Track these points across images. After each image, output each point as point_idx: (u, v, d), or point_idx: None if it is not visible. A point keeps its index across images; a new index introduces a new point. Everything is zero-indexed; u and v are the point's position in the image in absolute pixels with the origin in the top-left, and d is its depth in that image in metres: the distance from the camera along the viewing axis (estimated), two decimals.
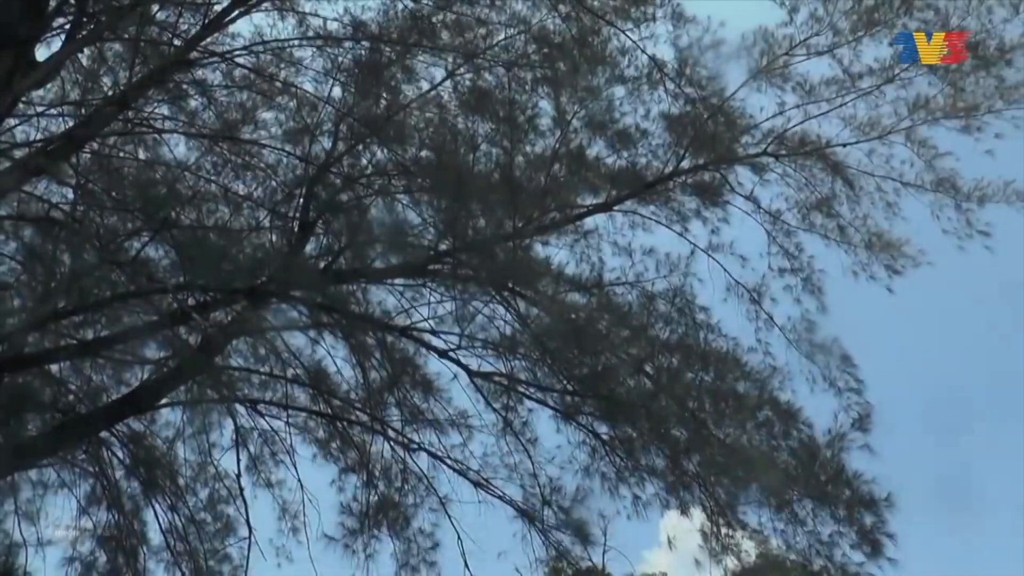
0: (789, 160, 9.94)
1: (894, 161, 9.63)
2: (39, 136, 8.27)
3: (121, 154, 8.88)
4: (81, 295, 7.96)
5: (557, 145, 9.44)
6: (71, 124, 8.31)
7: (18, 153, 7.48)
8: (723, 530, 8.25)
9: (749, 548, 8.38)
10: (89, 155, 8.52)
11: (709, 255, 9.54)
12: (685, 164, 9.77)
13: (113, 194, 8.59)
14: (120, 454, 9.11)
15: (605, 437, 8.37)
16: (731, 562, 8.26)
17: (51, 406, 8.70)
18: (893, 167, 9.61)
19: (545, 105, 9.47)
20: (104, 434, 8.75)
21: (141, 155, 9.06)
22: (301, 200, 8.99)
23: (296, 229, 8.86)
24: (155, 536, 9.38)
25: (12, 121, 7.81)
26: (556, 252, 9.52)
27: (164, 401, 8.78)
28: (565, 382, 8.44)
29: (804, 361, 9.02)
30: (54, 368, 8.82)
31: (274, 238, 9.03)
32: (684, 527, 8.83)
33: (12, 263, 8.70)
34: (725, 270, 9.54)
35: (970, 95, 9.25)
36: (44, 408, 8.63)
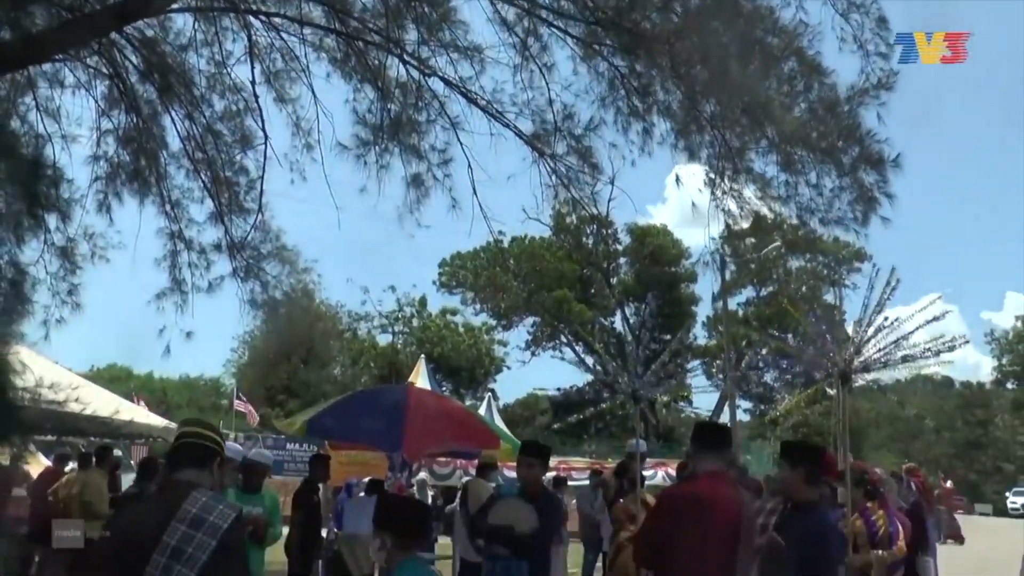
0: None
1: None
2: None
3: None
4: None
5: None
6: None
7: None
8: (727, 175, 8.39)
9: (750, 195, 8.59)
10: None
11: None
12: None
13: None
14: (134, 59, 9.02)
15: (624, 70, 8.18)
16: (732, 205, 8.51)
17: (57, 2, 8.43)
18: None
19: None
20: (116, 36, 8.57)
21: None
22: None
23: None
24: (174, 142, 9.63)
25: None
26: None
27: (176, 5, 8.48)
28: (588, 12, 8.06)
29: (838, 19, 8.60)
30: None
31: None
32: (688, 173, 9.02)
33: None
34: None
35: None
36: (49, 2, 8.36)
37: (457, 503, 11.44)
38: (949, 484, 32.58)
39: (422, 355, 26.21)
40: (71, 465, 11.49)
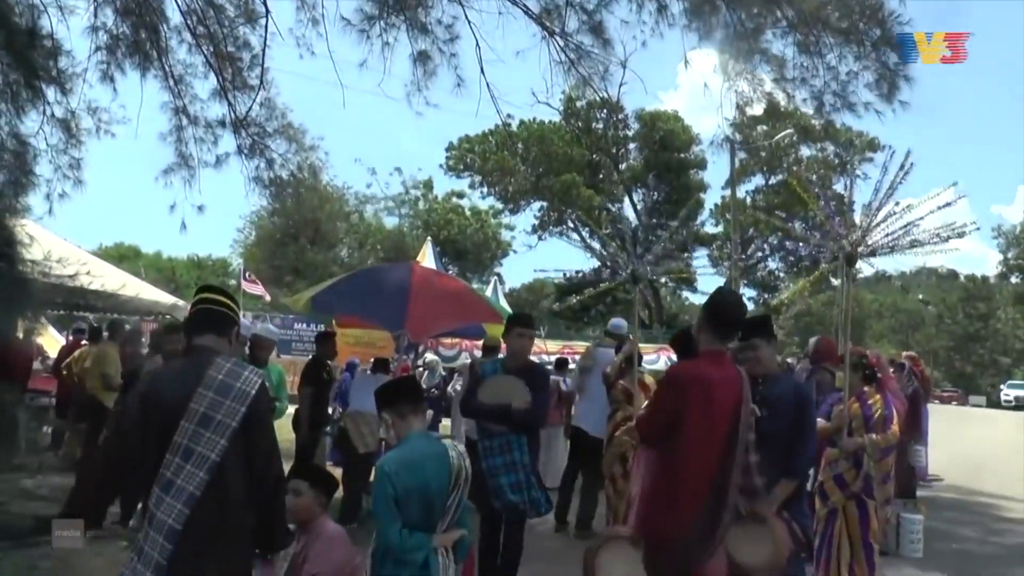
0: None
1: None
2: None
3: None
4: None
5: None
6: None
7: None
8: (742, 56, 8.15)
9: (764, 77, 8.38)
10: None
11: None
12: None
13: None
14: None
15: None
16: (745, 87, 8.30)
17: None
18: None
19: None
20: None
21: None
22: None
23: None
24: (174, 16, 9.33)
25: None
26: None
27: None
28: None
29: None
30: None
31: None
32: (701, 57, 8.76)
33: None
34: None
35: None
36: None
37: (464, 383, 11.68)
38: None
39: (428, 238, 26.21)
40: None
